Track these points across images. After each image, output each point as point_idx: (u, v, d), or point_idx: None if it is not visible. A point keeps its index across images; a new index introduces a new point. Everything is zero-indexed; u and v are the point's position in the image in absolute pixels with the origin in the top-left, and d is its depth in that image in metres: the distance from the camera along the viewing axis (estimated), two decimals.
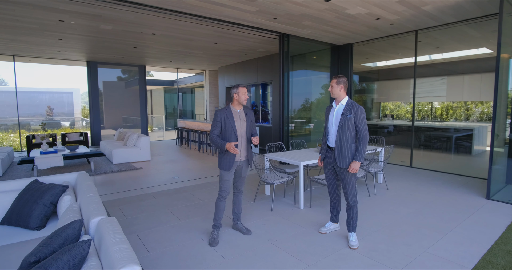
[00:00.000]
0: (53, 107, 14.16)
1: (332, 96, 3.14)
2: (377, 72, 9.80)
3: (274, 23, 5.87)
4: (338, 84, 3.06)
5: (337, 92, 3.08)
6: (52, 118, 13.86)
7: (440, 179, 5.74)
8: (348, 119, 2.99)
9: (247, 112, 3.30)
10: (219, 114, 3.16)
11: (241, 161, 3.27)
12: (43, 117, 13.58)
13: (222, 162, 3.19)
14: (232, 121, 3.14)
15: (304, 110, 8.53)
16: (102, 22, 5.83)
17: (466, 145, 7.60)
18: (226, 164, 3.15)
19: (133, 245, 3.08)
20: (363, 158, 2.99)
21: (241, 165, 3.30)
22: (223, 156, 3.17)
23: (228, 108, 3.21)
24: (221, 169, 3.21)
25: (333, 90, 3.10)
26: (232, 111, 3.20)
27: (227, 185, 3.25)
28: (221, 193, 3.27)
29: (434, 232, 3.39)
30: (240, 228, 3.44)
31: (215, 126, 3.15)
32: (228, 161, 3.14)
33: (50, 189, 2.88)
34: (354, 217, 3.12)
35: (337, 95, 3.09)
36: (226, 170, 3.17)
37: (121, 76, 12.06)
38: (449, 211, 4.05)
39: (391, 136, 9.19)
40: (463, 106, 9.24)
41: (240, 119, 3.21)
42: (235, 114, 3.20)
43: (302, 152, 4.91)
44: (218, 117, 3.15)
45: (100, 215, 2.07)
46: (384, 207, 4.22)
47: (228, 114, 3.16)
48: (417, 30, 6.50)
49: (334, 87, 3.09)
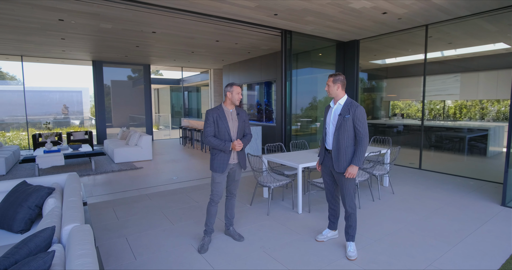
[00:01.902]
0: (68, 106, 14.40)
1: (329, 95, 2.94)
2: (386, 69, 9.46)
3: (275, 19, 5.66)
4: (334, 83, 2.86)
5: (334, 91, 2.88)
6: (68, 117, 14.09)
7: (451, 183, 5.44)
8: (345, 120, 2.78)
9: (239, 112, 3.14)
10: (211, 113, 2.99)
11: (234, 163, 3.11)
12: (53, 116, 13.78)
13: (215, 163, 3.03)
14: (225, 122, 2.98)
15: (310, 109, 8.32)
16: (101, 20, 5.75)
17: (480, 146, 7.23)
18: (220, 165, 3.00)
19: (120, 250, 2.97)
20: (362, 162, 2.77)
21: (234, 168, 3.15)
22: (216, 157, 3.02)
23: (220, 108, 3.04)
24: (213, 171, 3.05)
25: (329, 89, 2.90)
26: (225, 110, 3.03)
27: (219, 188, 3.10)
28: (213, 197, 3.12)
29: (441, 242, 3.14)
30: (232, 234, 3.28)
31: (208, 126, 2.98)
32: (222, 162, 2.99)
33: (35, 192, 2.78)
34: (353, 226, 2.91)
35: (334, 94, 2.89)
36: (220, 172, 3.02)
37: (131, 75, 12.05)
38: (460, 219, 3.79)
39: (400, 136, 8.85)
40: (477, 104, 8.83)
41: (232, 119, 3.05)
42: (227, 114, 3.03)
43: (302, 154, 4.70)
44: (210, 117, 2.99)
45: (73, 222, 1.94)
46: (388, 213, 3.98)
47: (220, 114, 3.00)
48: (427, 25, 6.18)
49: (330, 86, 2.89)
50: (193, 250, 2.98)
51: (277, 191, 4.92)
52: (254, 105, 11.40)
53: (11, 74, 13.39)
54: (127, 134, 8.73)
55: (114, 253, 2.92)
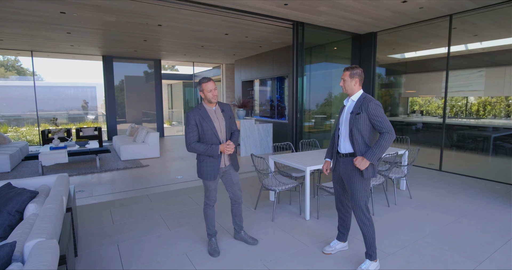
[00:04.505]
0: (87, 101, 14.52)
1: (344, 91, 2.54)
2: (405, 64, 8.91)
3: (285, 9, 5.30)
4: (352, 77, 2.47)
5: (351, 87, 2.49)
6: (82, 112, 14.20)
7: (474, 187, 4.99)
8: (357, 119, 2.40)
9: (224, 107, 2.80)
10: (192, 115, 2.64)
11: (226, 166, 2.81)
12: (67, 111, 13.91)
13: (204, 171, 2.71)
14: (210, 122, 2.65)
15: (325, 105, 7.95)
16: (103, 13, 5.56)
17: (507, 146, 6.66)
18: (210, 172, 2.70)
19: (109, 259, 2.75)
20: (376, 158, 2.34)
21: (228, 171, 2.85)
22: (204, 163, 2.70)
23: (202, 107, 2.70)
24: (204, 179, 2.76)
25: (345, 84, 2.51)
26: (207, 109, 2.70)
27: (214, 194, 2.86)
28: (208, 201, 2.89)
29: (465, 258, 2.77)
30: (245, 238, 3.06)
31: (191, 132, 2.63)
32: (212, 168, 2.70)
33: (17, 196, 2.59)
34: (368, 242, 2.52)
35: (350, 90, 2.51)
36: (211, 180, 2.73)
37: (147, 70, 11.92)
38: (486, 229, 3.38)
39: (419, 134, 8.35)
40: (503, 101, 8.19)
41: (218, 118, 2.72)
42: (211, 113, 2.70)
43: (312, 154, 4.37)
44: (191, 120, 2.63)
45: (38, 237, 1.70)
46: (404, 221, 3.62)
47: (203, 114, 2.65)
48: (451, 15, 5.67)
49: (347, 81, 2.49)
50: (186, 261, 2.73)
51: (284, 193, 4.62)
52: (266, 101, 11.08)
53: (30, 70, 13.64)
54: (135, 131, 8.61)
55: (102, 262, 2.70)
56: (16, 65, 15.76)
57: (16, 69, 15.78)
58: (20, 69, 15.57)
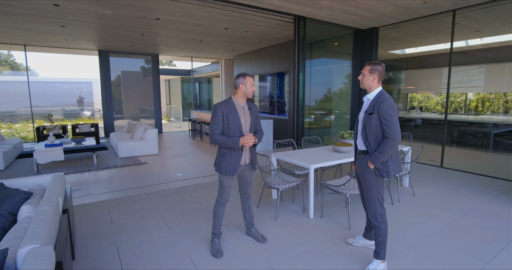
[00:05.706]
0: (83, 97, 14.29)
1: (361, 86, 2.49)
2: (406, 60, 8.82)
3: (287, 3, 5.18)
4: (371, 73, 2.41)
5: (368, 82, 2.43)
6: (78, 108, 13.97)
7: (477, 184, 4.95)
8: (370, 119, 2.35)
9: (251, 106, 2.76)
10: (220, 108, 2.60)
11: (246, 164, 2.77)
12: (62, 107, 13.69)
13: (224, 165, 2.67)
14: (236, 117, 2.60)
15: (325, 101, 7.86)
16: (99, 6, 5.39)
17: (508, 142, 6.64)
18: (230, 168, 2.65)
19: (108, 261, 2.66)
20: (379, 162, 2.32)
21: (245, 170, 2.80)
22: (225, 157, 2.66)
23: (231, 101, 2.66)
24: (222, 174, 2.70)
25: (363, 79, 2.45)
26: (236, 104, 2.65)
27: (228, 192, 2.79)
28: (221, 200, 2.82)
29: (472, 257, 2.72)
30: (255, 235, 3.04)
31: (216, 123, 2.60)
32: (232, 164, 2.65)
33: (10, 197, 2.47)
34: (378, 240, 2.47)
35: (367, 86, 2.44)
36: (230, 175, 2.67)
37: (144, 65, 11.71)
38: (491, 227, 3.34)
39: (419, 130, 8.30)
40: (502, 97, 8.16)
41: (244, 114, 2.67)
42: (239, 109, 2.66)
43: (315, 151, 4.29)
44: (219, 112, 2.59)
45: (32, 243, 1.59)
46: (409, 219, 3.56)
47: (231, 108, 2.61)
48: (455, 10, 5.58)
49: (365, 75, 2.43)
50: (188, 263, 2.65)
51: (286, 191, 4.54)
52: (266, 97, 10.96)
53: (24, 65, 13.38)
54: (133, 127, 8.47)
55: (100, 265, 2.61)
56: (9, 60, 15.45)
57: (9, 63, 15.48)
58: (14, 64, 15.27)
